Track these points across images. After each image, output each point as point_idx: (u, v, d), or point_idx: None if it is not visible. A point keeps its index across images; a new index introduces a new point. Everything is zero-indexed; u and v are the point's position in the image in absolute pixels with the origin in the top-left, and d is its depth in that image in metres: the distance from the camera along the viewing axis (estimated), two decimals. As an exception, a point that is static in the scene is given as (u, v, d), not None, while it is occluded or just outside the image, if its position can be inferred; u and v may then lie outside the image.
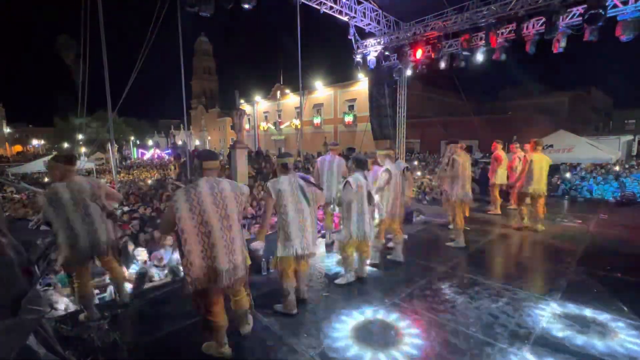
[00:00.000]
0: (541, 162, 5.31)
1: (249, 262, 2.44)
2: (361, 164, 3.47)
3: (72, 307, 3.49)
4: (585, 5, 6.22)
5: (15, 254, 1.43)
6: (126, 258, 4.96)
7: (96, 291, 4.37)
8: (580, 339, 2.53)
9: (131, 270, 4.72)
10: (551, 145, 11.79)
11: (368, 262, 3.83)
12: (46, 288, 3.79)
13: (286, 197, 2.82)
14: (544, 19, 6.86)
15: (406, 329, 2.73)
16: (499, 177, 6.85)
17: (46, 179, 17.24)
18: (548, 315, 2.88)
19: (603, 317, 2.82)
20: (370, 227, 3.51)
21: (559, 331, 2.64)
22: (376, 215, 3.95)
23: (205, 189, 2.19)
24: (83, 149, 17.91)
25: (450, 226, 5.16)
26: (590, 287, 3.42)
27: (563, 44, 7.22)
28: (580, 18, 6.51)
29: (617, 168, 11.54)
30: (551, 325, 2.73)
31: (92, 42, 6.49)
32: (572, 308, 2.98)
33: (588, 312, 2.90)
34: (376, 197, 3.67)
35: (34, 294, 1.42)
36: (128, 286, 3.65)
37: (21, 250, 1.47)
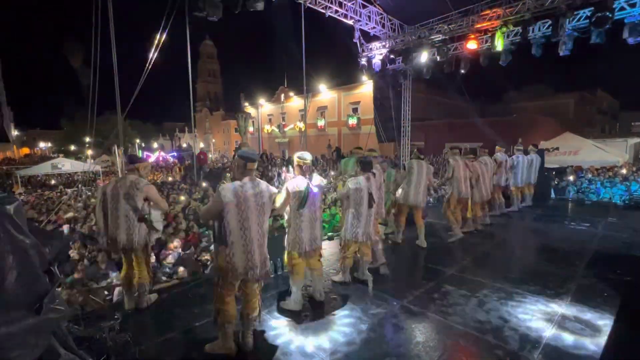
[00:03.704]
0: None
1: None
2: (365, 167, 3.53)
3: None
4: (592, 8, 6.21)
5: (36, 254, 1.47)
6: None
7: (106, 292, 4.44)
8: (591, 343, 2.52)
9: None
10: (557, 148, 11.72)
11: (367, 265, 3.78)
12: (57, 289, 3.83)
13: (302, 197, 2.92)
14: (550, 22, 6.86)
15: (416, 331, 2.73)
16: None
17: (53, 182, 17.46)
18: (558, 318, 2.86)
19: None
20: (373, 229, 3.59)
21: (570, 335, 2.63)
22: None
23: (249, 187, 2.35)
24: (89, 152, 18.09)
25: (465, 229, 5.55)
26: (600, 290, 3.39)
27: (569, 46, 7.20)
28: (587, 20, 6.50)
29: (624, 171, 11.43)
30: (561, 329, 2.71)
31: (100, 46, 6.59)
32: (582, 311, 2.96)
33: (598, 316, 2.88)
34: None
35: (54, 294, 1.46)
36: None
37: (42, 251, 1.51)
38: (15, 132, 47.49)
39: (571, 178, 10.12)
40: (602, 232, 5.56)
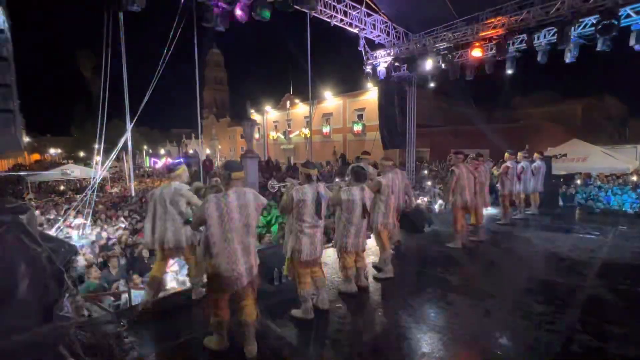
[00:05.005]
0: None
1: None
2: (359, 177, 3.49)
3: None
4: (598, 16, 6.20)
5: (48, 263, 1.51)
6: (141, 265, 5.06)
7: (111, 298, 4.48)
8: (600, 356, 2.47)
9: (145, 278, 4.81)
10: (565, 155, 11.59)
11: (366, 270, 3.78)
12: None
13: (307, 207, 2.94)
14: (555, 29, 6.86)
15: (421, 341, 2.70)
16: (507, 186, 6.78)
17: (62, 187, 17.75)
18: (567, 329, 2.81)
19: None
20: (364, 238, 3.59)
21: (579, 347, 2.58)
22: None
23: (233, 199, 2.39)
24: (98, 158, 18.39)
25: (473, 238, 5.46)
26: (610, 301, 3.33)
27: (575, 53, 7.19)
28: (593, 28, 6.49)
29: (634, 178, 11.24)
30: (570, 341, 2.66)
31: (110, 55, 6.76)
32: (592, 323, 2.91)
33: (608, 328, 2.82)
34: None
35: (64, 302, 1.49)
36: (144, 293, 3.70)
37: (53, 258, 1.54)
38: (26, 139, 48.53)
39: (578, 182, 9.98)
40: (612, 241, 5.47)
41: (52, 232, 6.47)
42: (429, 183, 12.40)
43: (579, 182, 10.05)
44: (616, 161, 10.96)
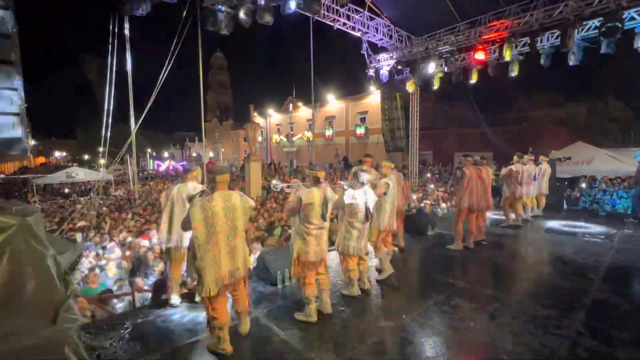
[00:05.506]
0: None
1: (250, 264, 2.74)
2: (362, 180, 3.45)
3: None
4: (602, 19, 6.18)
5: (54, 264, 1.52)
6: (145, 268, 5.08)
7: (114, 300, 4.48)
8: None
9: (149, 281, 4.82)
10: (569, 158, 11.52)
11: (367, 274, 3.74)
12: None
13: (314, 209, 2.95)
14: (558, 32, 6.84)
15: (425, 346, 2.68)
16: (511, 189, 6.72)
17: (66, 190, 17.88)
18: (573, 333, 2.78)
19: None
20: (367, 241, 3.61)
21: (585, 351, 2.55)
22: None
23: (219, 203, 2.42)
24: (102, 161, 18.52)
25: (476, 240, 5.37)
26: (616, 305, 3.29)
27: (579, 56, 7.16)
28: (597, 30, 6.47)
29: (639, 181, 11.12)
30: (576, 344, 2.64)
31: (116, 59, 6.85)
32: (598, 327, 2.88)
33: (615, 332, 2.79)
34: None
35: (69, 303, 1.50)
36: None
37: (59, 260, 1.55)
38: (32, 142, 49.00)
39: (583, 185, 9.88)
40: (618, 245, 5.41)
41: (56, 234, 6.51)
42: (432, 186, 12.36)
43: (583, 185, 9.96)
44: (621, 164, 10.87)
